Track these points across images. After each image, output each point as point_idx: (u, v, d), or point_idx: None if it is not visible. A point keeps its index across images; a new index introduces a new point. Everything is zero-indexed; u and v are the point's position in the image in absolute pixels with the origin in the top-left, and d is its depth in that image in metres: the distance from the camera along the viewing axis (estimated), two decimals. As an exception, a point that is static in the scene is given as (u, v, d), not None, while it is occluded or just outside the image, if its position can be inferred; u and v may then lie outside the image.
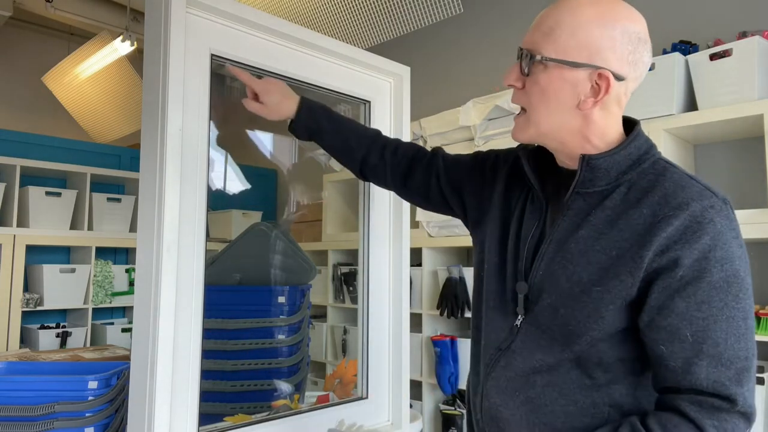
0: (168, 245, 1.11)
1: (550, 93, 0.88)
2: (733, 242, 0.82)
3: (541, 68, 0.88)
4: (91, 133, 4.38)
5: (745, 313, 0.81)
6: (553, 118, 0.89)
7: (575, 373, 0.89)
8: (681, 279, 0.81)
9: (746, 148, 2.12)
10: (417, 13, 2.74)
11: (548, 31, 0.87)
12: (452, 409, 2.63)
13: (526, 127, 0.92)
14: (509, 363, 0.94)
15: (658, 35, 2.39)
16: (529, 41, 0.90)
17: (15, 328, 3.01)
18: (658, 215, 0.83)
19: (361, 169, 1.27)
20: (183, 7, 1.16)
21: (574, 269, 0.88)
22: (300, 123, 1.26)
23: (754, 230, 1.78)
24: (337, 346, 3.27)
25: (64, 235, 3.27)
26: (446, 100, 3.10)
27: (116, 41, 3.54)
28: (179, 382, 1.14)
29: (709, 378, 0.79)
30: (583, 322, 0.86)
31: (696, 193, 0.83)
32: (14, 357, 1.74)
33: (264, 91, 1.24)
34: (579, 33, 0.85)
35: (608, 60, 0.85)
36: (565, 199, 0.92)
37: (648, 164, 0.89)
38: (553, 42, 0.87)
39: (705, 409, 0.79)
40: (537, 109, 0.90)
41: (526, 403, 0.91)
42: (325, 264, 3.30)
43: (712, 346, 0.79)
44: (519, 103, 0.93)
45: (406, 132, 1.64)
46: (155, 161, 1.13)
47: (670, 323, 0.81)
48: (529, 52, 0.89)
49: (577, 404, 0.88)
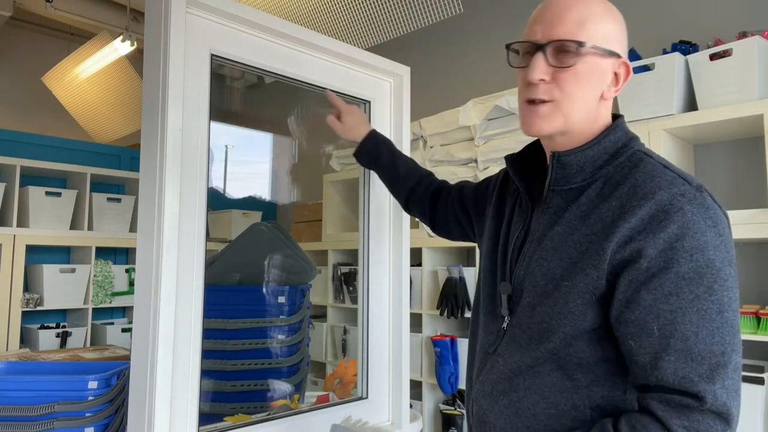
0: (168, 245, 1.11)
1: (586, 82, 0.88)
2: (708, 231, 0.78)
3: (578, 58, 0.87)
4: (91, 133, 4.38)
5: (720, 305, 0.77)
6: (582, 107, 0.89)
7: (556, 375, 0.87)
8: (647, 270, 0.78)
9: (746, 148, 2.12)
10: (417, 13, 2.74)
11: (581, 19, 0.87)
12: (452, 409, 2.63)
13: (555, 117, 0.89)
14: (493, 366, 0.94)
15: (658, 35, 2.39)
16: (560, 31, 0.88)
17: (15, 328, 3.01)
18: (624, 206, 0.82)
19: (407, 199, 1.39)
20: (183, 7, 1.16)
21: (548, 266, 0.88)
22: (364, 148, 1.44)
23: (754, 230, 1.78)
24: (337, 346, 3.27)
25: (64, 235, 3.27)
26: (446, 100, 3.10)
27: (116, 41, 3.54)
28: (179, 382, 1.14)
29: (676, 374, 0.76)
30: (555, 318, 0.85)
31: (666, 182, 0.82)
32: (14, 357, 1.74)
33: (346, 112, 1.46)
34: (604, 24, 0.89)
35: (623, 50, 0.90)
36: (543, 198, 0.93)
37: (624, 157, 0.89)
38: (591, 29, 0.87)
39: (673, 408, 0.76)
40: (571, 98, 0.88)
41: (509, 407, 0.90)
42: (325, 264, 3.30)
43: (680, 340, 0.76)
44: (547, 97, 0.89)
45: (406, 132, 1.64)
46: (155, 161, 1.13)
47: (638, 317, 0.79)
48: (565, 40, 0.87)
49: (558, 407, 0.86)
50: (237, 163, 4.11)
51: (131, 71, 3.78)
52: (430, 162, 2.78)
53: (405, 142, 1.64)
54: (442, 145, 2.74)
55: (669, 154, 2.02)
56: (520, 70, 0.93)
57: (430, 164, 2.77)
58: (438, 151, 2.74)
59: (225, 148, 3.90)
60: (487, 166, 2.52)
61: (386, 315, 1.61)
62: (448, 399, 2.69)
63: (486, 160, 2.52)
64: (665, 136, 2.03)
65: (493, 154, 2.50)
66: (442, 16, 2.69)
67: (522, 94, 0.92)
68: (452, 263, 2.78)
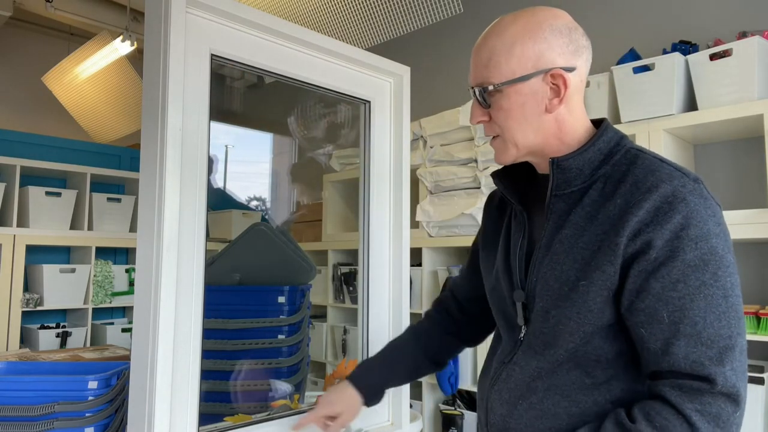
0: (168, 245, 1.11)
1: (515, 111, 0.92)
2: (710, 220, 0.82)
3: (498, 95, 0.92)
4: (91, 133, 4.38)
5: (725, 291, 0.80)
6: (526, 131, 0.93)
7: (575, 373, 0.89)
8: (655, 260, 0.81)
9: (746, 148, 2.12)
10: (417, 13, 2.74)
11: (487, 62, 0.92)
12: (452, 409, 2.63)
13: (505, 148, 0.96)
14: (510, 375, 0.95)
15: (658, 35, 2.39)
16: (476, 78, 0.94)
17: (15, 328, 3.01)
18: (630, 201, 0.84)
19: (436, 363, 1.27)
20: (183, 7, 1.16)
21: (561, 269, 0.89)
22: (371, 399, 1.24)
23: (754, 230, 1.78)
24: (337, 346, 3.27)
25: (64, 235, 3.27)
26: (446, 100, 3.10)
27: (116, 41, 3.54)
28: (179, 382, 1.14)
29: (687, 358, 0.78)
30: (574, 319, 0.86)
31: (665, 175, 0.84)
32: (14, 357, 1.74)
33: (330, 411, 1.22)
34: (514, 50, 0.90)
35: (553, 60, 0.90)
36: (546, 204, 0.94)
37: (620, 156, 0.91)
38: (496, 68, 0.91)
39: (685, 393, 0.78)
40: (509, 130, 0.93)
41: (530, 410, 0.91)
42: (325, 264, 3.30)
43: (689, 325, 0.79)
44: (492, 133, 0.97)
45: (406, 132, 1.64)
46: (155, 161, 1.13)
47: (648, 305, 0.81)
48: (481, 86, 0.93)
49: (579, 405, 0.88)
50: (237, 163, 4.11)
51: (131, 71, 3.79)
52: (430, 162, 2.78)
53: (405, 142, 1.64)
54: (442, 145, 2.74)
55: (669, 154, 2.02)
56: None
57: (430, 164, 2.77)
58: (438, 151, 2.74)
59: (225, 148, 3.90)
60: (486, 166, 2.52)
61: (386, 315, 1.61)
62: (448, 399, 2.69)
63: (486, 160, 2.52)
64: (665, 136, 2.03)
65: (493, 155, 2.50)
66: (442, 16, 2.69)
67: None
68: (452, 263, 2.78)
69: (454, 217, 2.60)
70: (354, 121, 1.87)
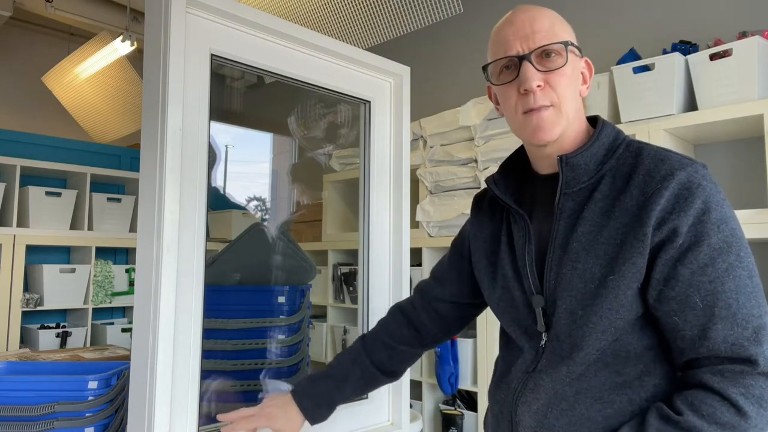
0: (168, 245, 1.11)
1: (572, 81, 0.92)
2: (724, 204, 0.83)
3: (564, 59, 0.91)
4: (91, 133, 4.38)
5: (749, 271, 0.80)
6: (573, 107, 0.93)
7: (604, 374, 0.86)
8: (681, 247, 0.81)
9: (746, 148, 2.12)
10: (417, 13, 2.74)
11: (551, 26, 0.91)
12: (452, 409, 2.63)
13: (558, 119, 0.91)
14: (537, 384, 0.91)
15: (658, 35, 2.39)
16: (543, 38, 0.90)
17: (15, 328, 3.01)
18: (647, 192, 0.84)
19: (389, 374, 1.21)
20: (183, 7, 1.16)
21: (585, 267, 0.87)
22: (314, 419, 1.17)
23: (754, 230, 1.78)
24: (337, 346, 3.27)
25: (64, 235, 3.27)
26: (446, 100, 3.10)
27: (116, 41, 3.54)
28: (179, 382, 1.14)
29: (726, 341, 0.77)
30: (606, 316, 0.84)
31: (677, 163, 0.85)
32: (14, 357, 1.74)
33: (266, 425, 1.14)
34: (568, 27, 0.94)
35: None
36: (555, 204, 0.92)
37: (622, 149, 0.91)
38: (564, 33, 0.92)
39: (727, 378, 0.77)
40: (566, 99, 0.91)
41: (562, 417, 0.88)
42: (325, 264, 3.30)
43: (724, 308, 0.78)
44: (547, 101, 0.90)
45: (406, 132, 1.64)
46: (155, 161, 1.13)
47: (678, 292, 0.81)
48: (559, 42, 0.90)
49: (614, 405, 0.85)
50: (237, 163, 4.11)
51: (131, 71, 3.78)
52: (430, 162, 2.78)
53: (405, 142, 1.64)
54: (442, 145, 2.74)
55: (669, 154, 2.02)
56: (507, 86, 0.93)
57: (430, 164, 2.78)
58: (438, 151, 2.74)
59: (225, 148, 3.90)
60: (487, 166, 2.52)
61: (386, 315, 1.61)
62: (448, 399, 2.69)
63: (486, 160, 2.52)
64: (665, 136, 2.03)
65: (493, 154, 2.50)
66: (442, 16, 2.69)
67: (517, 107, 0.92)
68: (452, 263, 2.78)
69: (454, 217, 2.60)
70: (354, 121, 1.87)
